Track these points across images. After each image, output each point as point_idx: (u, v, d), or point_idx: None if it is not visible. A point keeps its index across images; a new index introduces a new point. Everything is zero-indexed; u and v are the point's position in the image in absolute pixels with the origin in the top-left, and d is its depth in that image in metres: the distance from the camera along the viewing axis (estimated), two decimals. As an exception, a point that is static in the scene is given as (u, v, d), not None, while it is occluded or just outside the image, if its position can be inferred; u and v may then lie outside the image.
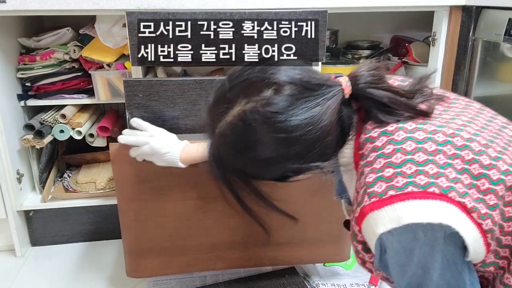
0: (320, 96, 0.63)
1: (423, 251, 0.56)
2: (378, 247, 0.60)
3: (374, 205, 0.59)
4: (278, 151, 0.64)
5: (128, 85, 1.11)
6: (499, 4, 1.27)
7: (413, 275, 0.58)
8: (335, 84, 0.66)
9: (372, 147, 0.64)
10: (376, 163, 0.62)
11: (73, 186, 1.49)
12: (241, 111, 0.63)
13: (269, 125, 0.62)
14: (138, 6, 1.18)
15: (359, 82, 0.67)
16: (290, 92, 0.62)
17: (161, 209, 1.06)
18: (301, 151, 0.64)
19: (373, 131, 0.66)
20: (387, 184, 0.59)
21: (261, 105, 0.62)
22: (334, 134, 0.65)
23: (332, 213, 1.14)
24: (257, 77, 0.65)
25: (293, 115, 0.62)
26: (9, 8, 1.16)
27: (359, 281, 1.29)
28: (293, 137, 0.62)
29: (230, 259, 1.16)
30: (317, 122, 0.62)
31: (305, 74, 0.65)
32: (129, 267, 1.14)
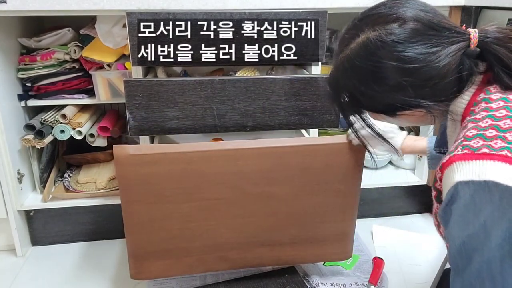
0: (445, 38, 0.66)
1: (493, 215, 0.56)
2: (450, 195, 0.60)
3: (464, 156, 0.60)
4: (392, 79, 0.67)
5: (129, 85, 1.11)
6: (499, 4, 1.27)
7: (472, 235, 0.57)
8: (463, 32, 0.68)
9: (485, 107, 0.66)
10: (482, 122, 0.63)
11: (74, 186, 1.49)
12: (365, 37, 0.68)
13: (388, 52, 0.66)
14: (138, 7, 1.18)
15: (488, 36, 0.68)
16: (413, 27, 0.66)
17: (165, 212, 1.07)
18: (413, 85, 0.67)
19: (494, 94, 0.67)
20: (484, 142, 0.60)
21: (383, 33, 0.66)
22: (449, 79, 0.67)
23: (332, 213, 1.15)
24: (386, 11, 0.69)
25: (411, 47, 0.65)
26: (10, 8, 1.17)
27: (359, 281, 1.30)
28: (408, 69, 0.66)
29: (234, 260, 1.17)
30: (434, 61, 0.65)
31: (435, 17, 0.68)
32: (133, 270, 1.14)
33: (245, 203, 1.08)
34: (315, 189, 1.09)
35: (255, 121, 1.19)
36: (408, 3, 0.70)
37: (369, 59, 0.68)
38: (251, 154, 1.03)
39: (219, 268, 1.18)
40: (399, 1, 0.70)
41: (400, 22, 0.67)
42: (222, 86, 1.14)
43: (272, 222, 1.12)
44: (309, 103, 1.19)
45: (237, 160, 1.03)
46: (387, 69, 0.67)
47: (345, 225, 1.18)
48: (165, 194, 1.04)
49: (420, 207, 1.72)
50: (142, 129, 1.15)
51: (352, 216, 1.18)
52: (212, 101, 1.15)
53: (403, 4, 0.69)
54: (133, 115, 1.13)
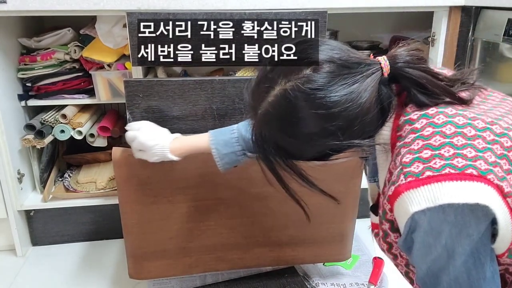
0: (359, 74, 0.65)
1: (452, 233, 0.57)
2: (408, 226, 0.60)
3: (410, 184, 0.59)
4: (319, 127, 0.66)
5: (129, 85, 1.11)
6: (498, 5, 1.27)
7: (436, 258, 0.58)
8: (373, 63, 0.67)
9: (410, 128, 0.65)
10: (414, 144, 0.63)
11: (74, 186, 1.49)
12: (282, 89, 0.65)
13: (309, 102, 0.64)
14: (139, 7, 1.19)
15: (397, 61, 0.67)
16: (328, 70, 0.64)
17: (163, 212, 1.07)
18: (341, 128, 0.65)
19: (413, 113, 0.67)
20: (424, 165, 0.60)
21: (301, 82, 0.64)
22: (373, 112, 0.66)
23: (332, 214, 1.15)
24: (298, 57, 0.68)
25: (332, 91, 0.63)
26: (10, 8, 1.17)
27: (358, 281, 1.30)
28: (333, 113, 0.64)
29: (232, 260, 1.17)
30: (356, 99, 0.64)
31: (343, 53, 0.67)
32: (132, 270, 1.14)
33: (244, 203, 1.08)
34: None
35: (255, 121, 1.18)
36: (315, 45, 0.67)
37: (290, 112, 0.65)
38: (250, 154, 1.03)
39: (218, 268, 1.18)
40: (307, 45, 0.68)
41: (313, 67, 0.64)
42: (222, 86, 1.14)
43: (270, 222, 1.12)
44: (309, 103, 1.19)
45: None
46: (311, 118, 0.65)
47: (345, 226, 1.18)
48: (164, 194, 1.04)
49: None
50: (142, 129, 1.15)
51: (351, 217, 1.18)
52: (212, 101, 1.15)
53: (311, 47, 0.67)
54: (133, 115, 1.13)
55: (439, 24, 1.42)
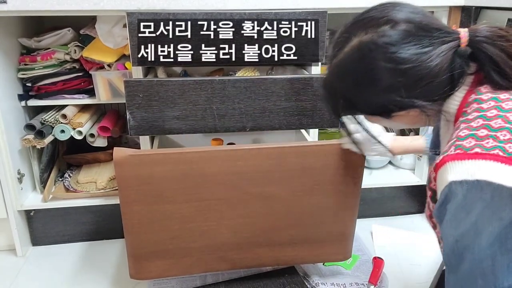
0: (435, 38, 0.67)
1: (484, 213, 0.57)
2: (444, 194, 0.62)
3: (457, 156, 0.61)
4: (386, 80, 0.68)
5: (129, 85, 1.11)
6: (498, 5, 1.27)
7: (464, 233, 0.59)
8: (453, 32, 0.69)
9: (477, 107, 0.67)
10: (474, 122, 0.65)
11: (74, 186, 1.49)
12: (357, 41, 0.69)
13: (381, 54, 0.67)
14: (139, 7, 1.19)
15: (477, 35, 0.69)
16: (405, 28, 0.67)
17: (164, 212, 1.07)
18: (407, 85, 0.68)
19: (485, 94, 0.68)
20: (476, 142, 0.61)
21: (376, 36, 0.67)
22: (441, 78, 0.68)
23: (332, 214, 1.15)
24: (377, 15, 0.70)
25: (404, 48, 0.66)
26: (10, 8, 1.17)
27: (358, 281, 1.30)
28: (401, 69, 0.67)
29: (233, 260, 1.17)
30: (426, 61, 0.66)
31: (425, 18, 0.69)
32: (133, 270, 1.14)
33: (244, 203, 1.08)
34: (315, 189, 1.09)
35: (255, 121, 1.19)
36: (399, 6, 0.71)
37: (362, 62, 0.69)
38: (250, 154, 1.03)
39: (219, 268, 1.18)
40: (390, 5, 0.71)
41: (392, 24, 0.68)
42: (222, 86, 1.14)
43: (271, 222, 1.12)
44: (309, 103, 1.19)
45: (237, 160, 1.03)
46: (380, 71, 0.68)
47: (345, 225, 1.18)
48: (165, 194, 1.04)
49: (420, 207, 1.72)
50: (142, 129, 1.15)
51: (352, 216, 1.18)
52: (212, 101, 1.15)
53: (393, 7, 0.71)
54: (133, 115, 1.13)
55: (439, 24, 1.41)
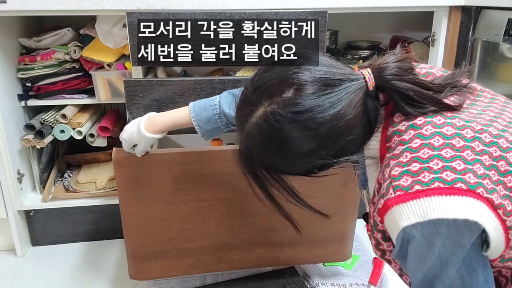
0: (343, 91, 0.63)
1: (445, 244, 0.57)
2: (400, 239, 0.60)
3: (399, 199, 0.59)
4: (304, 148, 0.65)
5: (128, 85, 1.11)
6: (499, 5, 1.27)
7: (431, 267, 0.59)
8: (357, 77, 0.66)
9: (399, 140, 0.64)
10: (402, 157, 0.62)
11: (74, 186, 1.49)
12: (264, 112, 0.64)
13: (292, 124, 0.63)
14: (138, 7, 1.18)
15: (383, 74, 0.66)
16: (311, 91, 0.63)
17: (163, 213, 1.07)
18: (327, 146, 0.65)
19: (400, 124, 0.66)
20: (413, 179, 0.59)
21: (282, 105, 0.63)
22: (360, 127, 0.65)
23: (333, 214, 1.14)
24: (277, 78, 0.65)
25: (315, 113, 0.62)
26: (10, 8, 1.17)
27: (358, 281, 1.29)
28: (318, 134, 0.63)
29: (233, 260, 1.17)
30: (342, 117, 0.62)
31: (326, 70, 0.65)
32: (133, 270, 1.14)
33: (244, 204, 1.08)
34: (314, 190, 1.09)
35: (255, 121, 1.18)
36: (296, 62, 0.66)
37: (274, 134, 0.64)
38: (251, 154, 1.03)
39: (219, 268, 1.18)
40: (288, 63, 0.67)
41: (296, 88, 0.63)
42: (222, 86, 1.14)
43: (271, 222, 1.12)
44: (309, 103, 1.19)
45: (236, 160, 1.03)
46: (296, 140, 0.64)
47: (345, 226, 1.18)
48: (164, 195, 1.04)
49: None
50: (142, 129, 1.15)
51: (352, 217, 1.18)
52: (212, 101, 1.15)
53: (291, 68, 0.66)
54: (133, 115, 1.13)
55: (439, 24, 1.41)
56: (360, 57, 1.71)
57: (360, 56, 1.71)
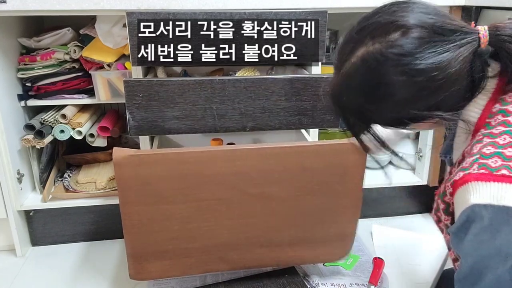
0: (452, 42, 0.60)
1: (509, 238, 0.54)
2: (465, 215, 0.57)
3: (481, 176, 0.57)
4: (399, 95, 0.62)
5: (128, 85, 1.11)
6: (499, 4, 1.27)
7: (487, 256, 0.56)
8: (471, 32, 0.63)
9: (503, 120, 0.61)
10: (500, 138, 0.59)
11: (74, 186, 1.49)
12: (365, 52, 0.62)
13: (393, 67, 0.60)
14: (138, 6, 1.18)
15: (499, 33, 0.62)
16: (418, 35, 0.60)
17: (164, 212, 1.07)
18: (423, 98, 0.62)
19: (510, 104, 0.62)
20: (503, 163, 0.56)
21: (385, 46, 0.61)
22: (461, 85, 0.62)
23: (333, 213, 1.15)
24: (386, 19, 0.63)
25: (419, 59, 0.60)
26: (9, 8, 1.17)
27: (359, 281, 1.29)
28: (416, 82, 0.60)
29: (233, 260, 1.17)
30: (444, 69, 0.60)
31: (438, 19, 0.62)
32: (133, 271, 1.14)
33: (244, 203, 1.08)
34: (315, 190, 1.09)
35: (255, 121, 1.18)
36: (408, 7, 0.63)
37: (372, 76, 0.62)
38: (250, 154, 1.03)
39: (219, 268, 1.18)
40: (398, 6, 0.64)
41: (402, 31, 0.61)
42: (222, 86, 1.14)
43: (271, 222, 1.12)
44: (309, 103, 1.19)
45: (236, 160, 1.03)
46: (392, 85, 0.61)
47: (346, 226, 1.18)
48: (164, 195, 1.04)
49: (420, 207, 1.72)
50: (142, 129, 1.15)
51: (353, 217, 1.18)
52: (212, 101, 1.15)
53: (402, 9, 0.63)
54: (133, 115, 1.13)
55: (439, 24, 1.41)
56: (360, 57, 1.70)
57: (360, 56, 1.71)
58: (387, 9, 0.64)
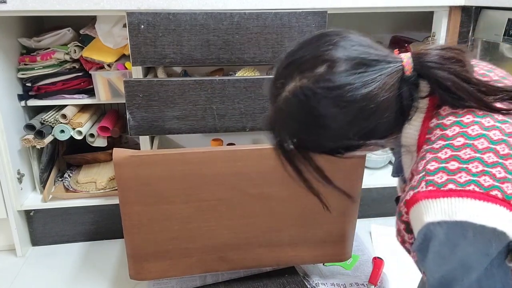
0: (377, 72, 0.62)
1: (469, 250, 0.55)
2: (422, 234, 0.58)
3: (429, 193, 0.57)
4: (331, 126, 0.63)
5: (129, 85, 1.11)
6: (499, 5, 1.27)
7: (451, 270, 0.57)
8: (395, 60, 0.64)
9: (441, 134, 0.62)
10: (441, 153, 0.60)
11: (74, 186, 1.49)
12: (294, 87, 0.63)
13: (322, 101, 0.61)
14: (138, 7, 1.18)
15: (423, 60, 0.64)
16: (344, 68, 0.61)
17: (164, 213, 1.07)
18: (355, 127, 0.63)
19: (446, 118, 0.63)
20: (448, 177, 0.57)
21: (313, 81, 0.61)
22: (392, 111, 0.63)
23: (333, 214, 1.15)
24: (311, 54, 0.64)
25: (347, 91, 0.60)
26: (10, 8, 1.17)
27: (358, 281, 1.30)
28: (348, 113, 0.61)
29: (233, 261, 1.17)
30: (373, 98, 0.61)
31: (363, 49, 0.63)
32: (133, 271, 1.14)
33: (244, 204, 1.08)
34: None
35: (255, 121, 1.19)
36: (332, 40, 0.64)
37: (304, 110, 0.63)
38: (250, 155, 1.03)
39: (219, 268, 1.18)
40: (323, 39, 0.65)
41: (328, 65, 0.62)
42: (222, 86, 1.14)
43: (271, 223, 1.12)
44: (309, 103, 1.19)
45: (237, 161, 1.03)
46: (325, 117, 0.62)
47: (345, 226, 1.18)
48: (164, 195, 1.04)
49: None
50: (142, 129, 1.15)
51: (352, 217, 1.18)
52: (212, 101, 1.15)
53: (327, 42, 0.64)
54: (133, 115, 1.13)
55: (439, 24, 1.41)
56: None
57: (360, 56, 1.71)
58: (312, 43, 0.66)
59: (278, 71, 0.68)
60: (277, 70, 0.68)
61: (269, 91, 0.69)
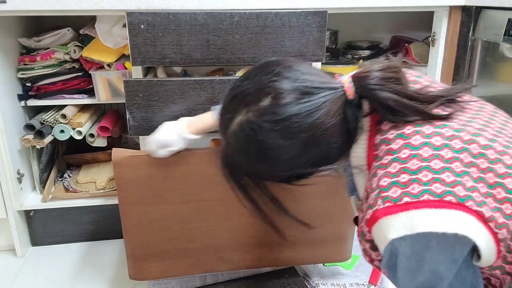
0: (321, 100, 0.63)
1: (436, 259, 0.56)
2: (388, 251, 0.59)
3: (388, 210, 0.58)
4: (281, 157, 0.64)
5: (128, 85, 1.11)
6: (499, 5, 1.27)
7: (423, 281, 0.57)
8: (336, 86, 0.65)
9: (387, 149, 0.63)
10: (391, 167, 0.61)
11: (74, 186, 1.49)
12: (240, 121, 0.64)
13: (269, 133, 0.62)
14: (138, 7, 1.18)
15: (363, 83, 0.65)
16: (288, 100, 0.62)
17: (164, 213, 1.07)
18: (305, 155, 0.64)
19: (388, 132, 0.65)
20: (402, 190, 0.58)
21: (258, 115, 0.62)
22: (339, 136, 0.64)
23: (332, 214, 1.15)
24: (255, 86, 0.65)
25: (292, 122, 0.61)
26: (9, 8, 1.17)
27: (359, 281, 1.30)
28: (296, 143, 0.62)
29: (233, 261, 1.17)
30: (319, 126, 0.62)
31: (305, 78, 0.64)
32: (132, 271, 1.14)
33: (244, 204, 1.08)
34: (314, 190, 1.09)
35: (255, 121, 1.18)
36: (273, 71, 0.65)
37: (252, 142, 0.63)
38: (251, 154, 1.03)
39: (219, 269, 1.18)
40: (265, 71, 0.65)
41: (272, 97, 0.62)
42: (222, 86, 1.14)
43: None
44: (309, 103, 1.19)
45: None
46: (273, 148, 0.63)
47: (345, 226, 1.18)
48: (164, 195, 1.04)
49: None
50: (142, 129, 1.15)
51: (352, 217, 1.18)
52: (212, 101, 1.15)
53: (269, 74, 0.64)
54: (133, 115, 1.13)
55: (439, 24, 1.41)
56: (360, 57, 1.71)
57: (360, 56, 1.71)
58: (255, 75, 0.66)
59: (224, 104, 0.68)
60: (224, 103, 0.68)
61: (219, 124, 0.70)
